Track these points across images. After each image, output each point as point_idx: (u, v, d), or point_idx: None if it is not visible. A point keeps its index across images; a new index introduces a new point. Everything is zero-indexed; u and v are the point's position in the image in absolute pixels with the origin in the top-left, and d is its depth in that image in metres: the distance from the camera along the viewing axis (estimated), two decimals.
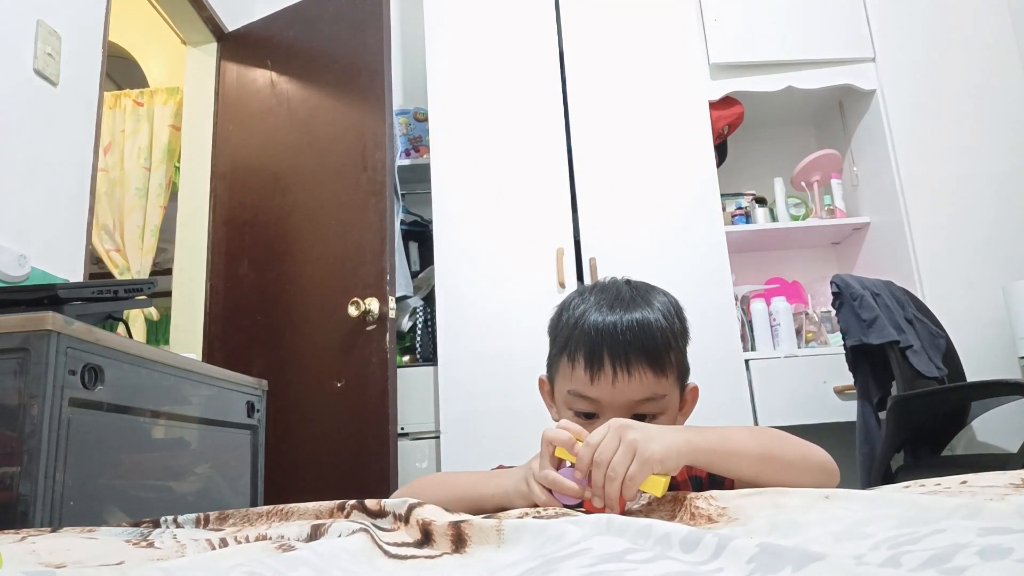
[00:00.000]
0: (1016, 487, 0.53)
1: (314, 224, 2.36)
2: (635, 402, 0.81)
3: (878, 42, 2.62)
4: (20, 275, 1.53)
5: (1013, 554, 0.33)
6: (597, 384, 0.80)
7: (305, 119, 2.45)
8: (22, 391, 0.96)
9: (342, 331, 2.18)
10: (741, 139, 2.92)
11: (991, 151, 2.52)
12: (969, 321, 2.32)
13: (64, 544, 0.56)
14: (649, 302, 0.85)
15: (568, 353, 0.83)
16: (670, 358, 0.83)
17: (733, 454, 0.71)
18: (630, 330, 0.81)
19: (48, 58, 1.74)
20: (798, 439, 0.77)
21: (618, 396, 0.80)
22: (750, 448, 0.72)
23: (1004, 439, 2.19)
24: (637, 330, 0.81)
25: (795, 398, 2.31)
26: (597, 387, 0.80)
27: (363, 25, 2.38)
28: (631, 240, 2.40)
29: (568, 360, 0.83)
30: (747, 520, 0.56)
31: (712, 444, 0.70)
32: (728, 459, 0.71)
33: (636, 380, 0.80)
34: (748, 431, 0.76)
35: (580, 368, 0.81)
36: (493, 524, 0.52)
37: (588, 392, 0.81)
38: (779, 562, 0.35)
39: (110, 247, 2.96)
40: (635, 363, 0.80)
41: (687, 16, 2.60)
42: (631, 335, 0.80)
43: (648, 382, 0.80)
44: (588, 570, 0.39)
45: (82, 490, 1.03)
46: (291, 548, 0.50)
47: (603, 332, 0.81)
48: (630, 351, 0.80)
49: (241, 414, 1.56)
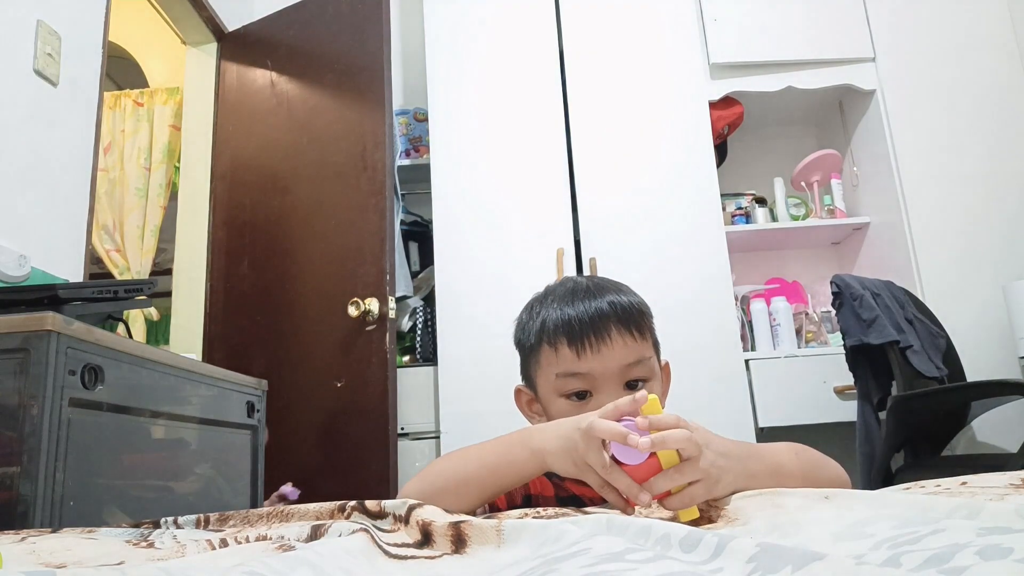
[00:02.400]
0: (1016, 487, 0.53)
1: (314, 224, 2.36)
2: (625, 367, 0.81)
3: (878, 42, 2.62)
4: (20, 275, 1.53)
5: (1013, 554, 0.33)
6: (584, 358, 0.81)
7: (305, 119, 2.46)
8: (22, 391, 0.96)
9: (342, 331, 2.18)
10: (741, 139, 2.92)
11: (991, 151, 2.52)
12: (969, 321, 2.32)
13: (64, 544, 0.56)
14: (613, 287, 0.87)
15: (548, 340, 0.84)
16: (645, 322, 0.85)
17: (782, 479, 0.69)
18: (604, 305, 0.83)
19: (48, 58, 1.74)
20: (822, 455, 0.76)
21: (608, 364, 0.81)
22: (793, 471, 0.71)
23: (1004, 439, 2.19)
24: (610, 303, 0.83)
25: (795, 398, 2.31)
26: (585, 360, 0.81)
27: (363, 25, 2.38)
28: (631, 240, 2.40)
29: (550, 346, 0.84)
30: (747, 520, 0.56)
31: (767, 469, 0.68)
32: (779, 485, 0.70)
33: (620, 344, 0.81)
34: (788, 450, 0.73)
35: (564, 348, 0.82)
36: (493, 524, 0.52)
37: (578, 368, 0.81)
38: (779, 562, 0.35)
39: (110, 247, 2.96)
40: (616, 329, 0.81)
41: (687, 16, 2.60)
42: (605, 308, 0.82)
43: (632, 345, 0.82)
44: (588, 570, 0.39)
45: (82, 490, 1.03)
46: (291, 548, 0.50)
47: (578, 313, 0.83)
48: (608, 319, 0.82)
49: (241, 414, 1.56)
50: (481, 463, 0.72)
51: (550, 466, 0.68)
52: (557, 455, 0.66)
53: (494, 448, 0.73)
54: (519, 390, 0.94)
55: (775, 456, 0.71)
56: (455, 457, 0.77)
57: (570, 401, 0.83)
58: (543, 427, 0.71)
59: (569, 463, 0.65)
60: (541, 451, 0.68)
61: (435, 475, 0.75)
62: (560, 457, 0.66)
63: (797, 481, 0.70)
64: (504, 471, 0.71)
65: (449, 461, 0.77)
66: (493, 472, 0.71)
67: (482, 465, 0.72)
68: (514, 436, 0.73)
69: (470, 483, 0.71)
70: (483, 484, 0.71)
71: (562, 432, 0.67)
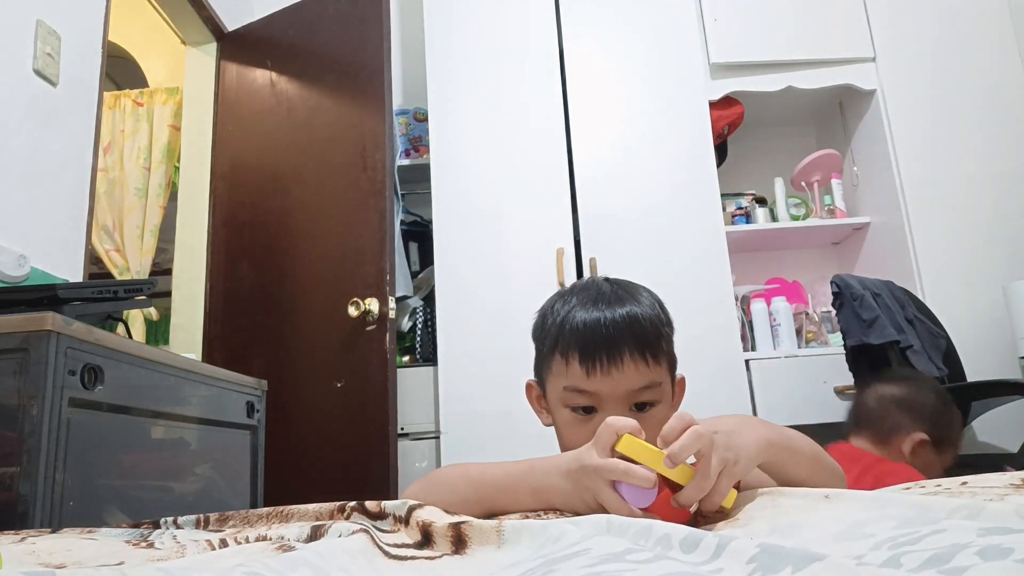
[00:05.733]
0: (1016, 487, 0.53)
1: (314, 224, 2.36)
2: (633, 391, 0.80)
3: (878, 42, 2.62)
4: (20, 275, 1.53)
5: (1013, 554, 0.33)
6: (593, 377, 0.79)
7: (305, 119, 2.45)
8: (22, 391, 0.96)
9: (342, 331, 2.18)
10: (741, 139, 2.92)
11: (991, 151, 2.52)
12: (969, 321, 2.31)
13: (64, 545, 0.56)
14: (634, 296, 0.85)
15: (560, 350, 0.83)
16: (661, 346, 0.83)
17: (795, 453, 0.71)
18: (621, 321, 0.80)
19: (48, 58, 1.74)
20: None
21: (616, 387, 0.79)
22: (804, 448, 0.72)
23: (1004, 439, 2.19)
24: (628, 321, 0.80)
25: (795, 398, 2.31)
26: (594, 380, 0.80)
27: (363, 25, 2.38)
28: (631, 240, 2.40)
29: (561, 357, 0.83)
30: (747, 520, 0.56)
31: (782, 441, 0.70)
32: (793, 457, 0.71)
33: (631, 369, 0.79)
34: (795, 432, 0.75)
35: (575, 363, 0.81)
36: (493, 525, 0.52)
37: (585, 386, 0.80)
38: (779, 562, 0.35)
39: (110, 247, 2.96)
40: (629, 352, 0.79)
41: (687, 16, 2.60)
42: (622, 326, 0.80)
43: (643, 370, 0.80)
44: (588, 570, 0.39)
45: (82, 490, 1.03)
46: (291, 548, 0.50)
47: (594, 326, 0.81)
48: (622, 341, 0.79)
49: (241, 414, 1.56)
50: (481, 490, 0.72)
51: (556, 506, 0.67)
52: (564, 496, 0.66)
53: (497, 477, 0.72)
54: (530, 384, 0.93)
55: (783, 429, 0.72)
56: (457, 475, 0.77)
57: (575, 414, 0.82)
58: (544, 466, 0.69)
59: (578, 503, 0.65)
60: (544, 491, 0.67)
61: (435, 487, 0.76)
62: (567, 498, 0.66)
63: (807, 458, 0.72)
64: (502, 502, 0.70)
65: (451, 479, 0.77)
66: (493, 501, 0.71)
67: (482, 491, 0.72)
68: (516, 469, 0.72)
69: (468, 505, 0.70)
70: (482, 509, 0.70)
71: (564, 471, 0.66)
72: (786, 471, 0.71)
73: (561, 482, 0.66)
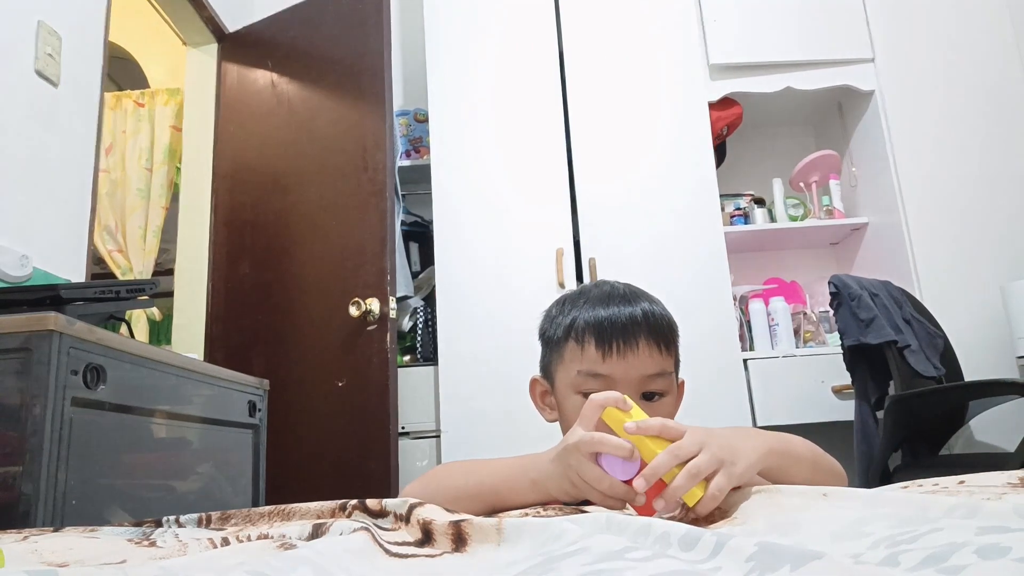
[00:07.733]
0: (1014, 486, 0.54)
1: (315, 224, 2.36)
2: (646, 377, 0.82)
3: (877, 42, 2.62)
4: (22, 275, 1.54)
5: (1011, 553, 0.33)
6: (609, 360, 0.82)
7: (306, 120, 2.46)
8: (24, 391, 0.96)
9: (343, 331, 2.18)
10: (740, 140, 2.93)
11: (990, 151, 2.52)
12: (967, 321, 2.32)
13: (66, 543, 0.56)
14: (647, 297, 0.89)
15: (575, 336, 0.85)
16: (673, 339, 0.87)
17: (797, 459, 0.72)
18: (636, 313, 0.84)
19: (48, 58, 1.74)
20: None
21: (631, 371, 0.82)
22: (804, 453, 0.74)
23: (1002, 438, 2.19)
24: (643, 314, 0.84)
25: (793, 398, 2.31)
26: (609, 363, 0.82)
27: (363, 26, 2.38)
28: (630, 240, 2.41)
29: (576, 343, 0.84)
30: (746, 519, 0.56)
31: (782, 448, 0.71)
32: (794, 463, 0.72)
33: (645, 355, 0.82)
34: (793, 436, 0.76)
35: (591, 347, 0.83)
36: (493, 523, 0.52)
37: (600, 369, 0.82)
38: (778, 561, 0.35)
39: (112, 247, 2.96)
40: (644, 339, 0.82)
41: (687, 16, 2.60)
42: (638, 316, 0.83)
43: (657, 358, 0.83)
44: (588, 568, 0.39)
45: (84, 489, 1.03)
46: (292, 547, 0.50)
47: (611, 316, 0.84)
48: (638, 328, 0.83)
49: (243, 413, 1.56)
50: (483, 485, 0.73)
51: (552, 494, 0.68)
52: (555, 480, 0.67)
53: (498, 471, 0.74)
54: (535, 380, 0.94)
55: (781, 435, 0.73)
56: (459, 472, 0.78)
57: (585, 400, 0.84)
58: (539, 456, 0.71)
59: (567, 484, 0.66)
60: (541, 480, 0.69)
61: (437, 483, 0.77)
62: (558, 481, 0.67)
63: (807, 462, 0.73)
64: (505, 495, 0.71)
65: (452, 475, 0.78)
66: (495, 494, 0.72)
67: (484, 486, 0.73)
68: (516, 463, 0.73)
69: (471, 500, 0.71)
70: (484, 504, 0.71)
71: (554, 455, 0.68)
72: (788, 477, 0.72)
73: (551, 467, 0.68)
